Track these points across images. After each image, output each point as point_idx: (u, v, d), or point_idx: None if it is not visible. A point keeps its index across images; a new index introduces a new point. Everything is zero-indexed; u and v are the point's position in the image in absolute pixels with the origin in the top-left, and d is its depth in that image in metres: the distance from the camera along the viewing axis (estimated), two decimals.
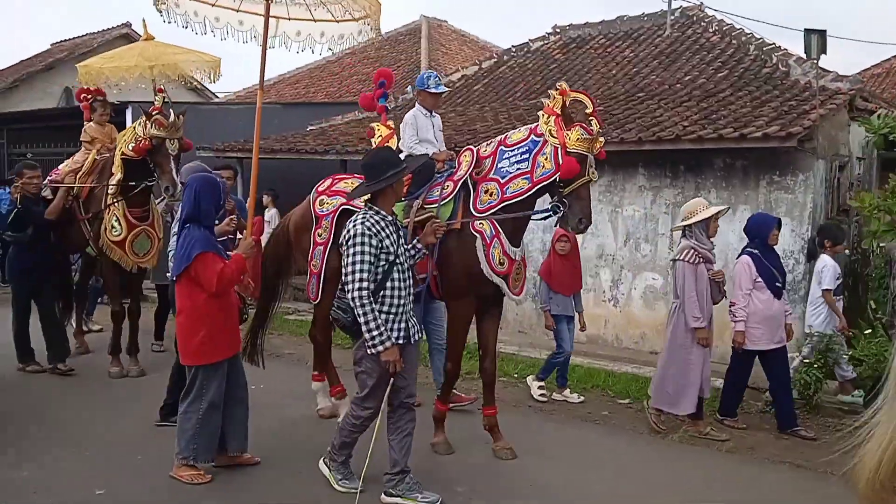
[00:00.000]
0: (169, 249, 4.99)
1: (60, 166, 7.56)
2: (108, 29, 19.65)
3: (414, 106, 5.72)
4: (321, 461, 4.47)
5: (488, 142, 5.15)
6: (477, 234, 4.81)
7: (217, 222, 4.86)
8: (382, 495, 4.22)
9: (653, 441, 5.59)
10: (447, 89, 7.61)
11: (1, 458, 4.82)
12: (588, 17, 13.85)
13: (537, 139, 4.74)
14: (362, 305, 3.91)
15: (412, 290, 4.18)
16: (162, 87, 6.86)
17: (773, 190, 7.64)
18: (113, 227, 6.79)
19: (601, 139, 4.75)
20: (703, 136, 7.56)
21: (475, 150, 4.99)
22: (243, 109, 14.80)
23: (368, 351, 3.99)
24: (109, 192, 6.82)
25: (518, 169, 4.76)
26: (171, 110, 6.60)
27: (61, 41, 21.14)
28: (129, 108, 12.79)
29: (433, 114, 5.63)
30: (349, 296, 3.95)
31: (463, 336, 5.08)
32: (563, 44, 13.27)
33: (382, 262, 3.99)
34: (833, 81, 8.30)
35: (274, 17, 5.13)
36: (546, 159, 4.65)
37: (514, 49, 13.83)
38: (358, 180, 5.23)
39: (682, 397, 5.55)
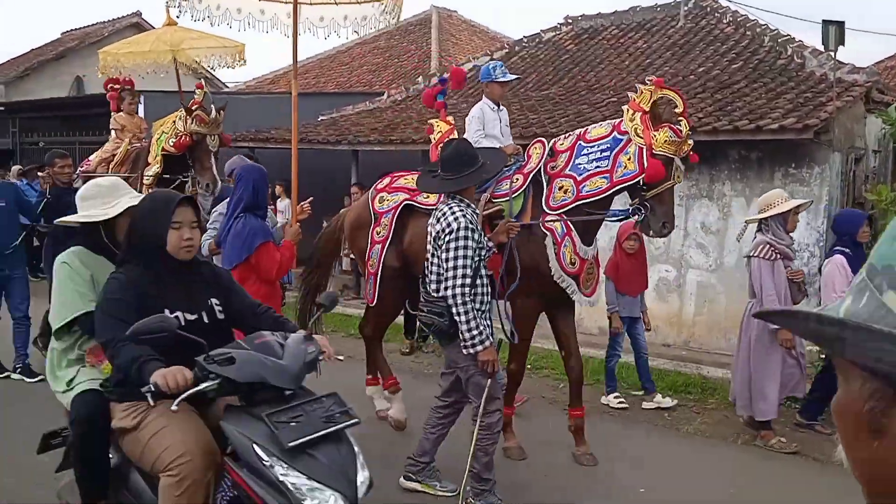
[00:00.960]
0: (205, 238, 4.93)
1: (91, 157, 7.48)
2: (119, 18, 19.68)
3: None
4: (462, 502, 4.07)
5: (566, 135, 4.90)
6: (547, 232, 4.59)
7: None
8: (402, 479, 4.25)
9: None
10: (517, 76, 7.27)
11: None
12: (600, 8, 13.81)
13: (620, 137, 4.48)
14: (464, 304, 3.74)
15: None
16: (202, 81, 6.78)
17: (789, 182, 7.60)
18: None
19: (690, 142, 4.52)
20: (719, 128, 7.52)
21: (547, 142, 4.77)
22: (253, 99, 14.82)
23: (465, 352, 3.82)
24: (145, 182, 6.68)
25: (597, 167, 4.51)
26: (211, 105, 6.49)
27: (72, 30, 21.18)
28: (141, 97, 12.81)
29: (500, 107, 5.35)
30: (448, 293, 3.76)
31: (528, 337, 4.85)
32: (575, 34, 13.20)
33: (476, 258, 3.83)
34: (849, 73, 8.24)
35: (297, 2, 5.05)
36: (629, 159, 4.40)
37: (525, 39, 13.77)
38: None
39: (762, 401, 5.16)
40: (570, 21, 13.55)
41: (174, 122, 6.56)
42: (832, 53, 7.62)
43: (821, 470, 4.85)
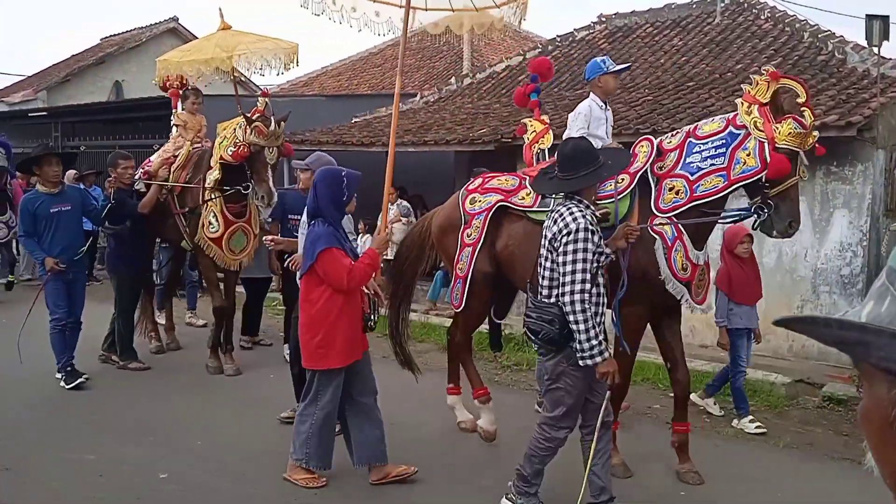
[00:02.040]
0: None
1: (152, 157, 7.30)
2: (157, 23, 20.02)
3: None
4: (504, 499, 3.97)
5: (673, 132, 4.63)
6: (657, 236, 4.28)
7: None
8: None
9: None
10: (627, 65, 6.94)
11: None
12: (635, 6, 13.65)
13: (737, 132, 4.16)
14: (583, 311, 3.51)
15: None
16: (267, 90, 6.69)
17: (831, 181, 7.45)
18: (210, 223, 6.56)
19: (815, 133, 4.20)
20: None
21: (654, 140, 4.47)
22: (288, 102, 14.95)
23: (581, 363, 3.59)
24: (207, 187, 6.56)
25: (711, 165, 4.21)
26: (272, 117, 6.28)
27: (110, 36, 21.60)
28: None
29: (608, 106, 5.06)
30: (566, 299, 3.55)
31: (634, 348, 4.49)
32: (609, 33, 13.10)
33: (595, 262, 3.60)
34: (893, 69, 8.05)
35: (413, 7, 4.84)
36: (748, 155, 4.09)
37: (558, 39, 13.71)
38: (512, 177, 4.96)
39: None
40: (603, 19, 13.45)
41: (235, 129, 6.37)
42: (876, 49, 7.46)
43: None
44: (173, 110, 7.42)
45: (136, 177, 6.93)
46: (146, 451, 4.90)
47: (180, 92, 7.35)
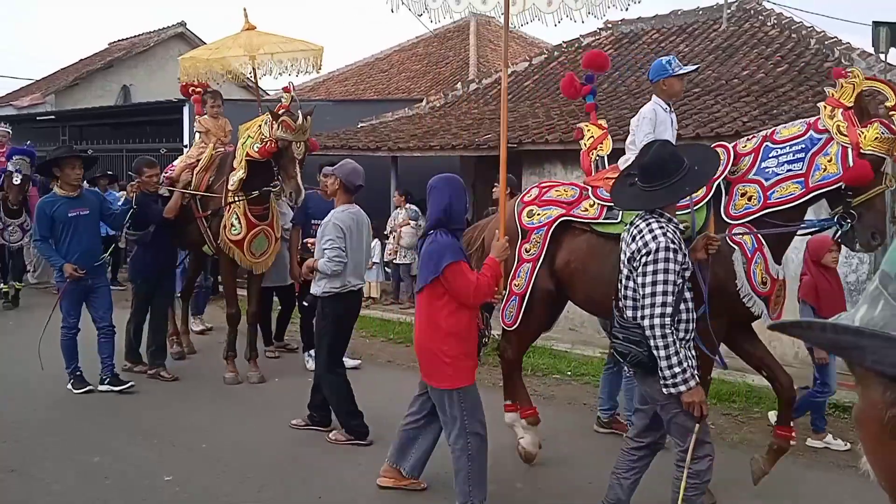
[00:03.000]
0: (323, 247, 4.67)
1: (175, 162, 7.22)
2: (164, 28, 20.11)
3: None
4: None
5: (748, 136, 4.41)
6: (735, 247, 4.02)
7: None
8: None
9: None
10: (696, 67, 6.70)
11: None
12: (641, 12, 13.67)
13: (818, 136, 3.91)
14: (663, 336, 3.28)
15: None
16: (290, 85, 6.38)
17: None
18: (233, 224, 6.41)
19: None
20: None
21: (730, 147, 4.22)
22: (293, 106, 15.00)
23: (665, 391, 3.35)
24: (230, 188, 6.42)
25: (789, 171, 3.95)
26: (298, 111, 6.12)
27: (118, 40, 21.71)
28: (185, 104, 13.08)
29: (671, 109, 4.80)
30: (645, 323, 3.31)
31: (710, 367, 4.26)
32: (615, 39, 13.12)
33: (679, 281, 3.36)
34: None
35: None
36: (829, 161, 3.84)
37: (564, 45, 13.73)
38: (571, 187, 4.73)
39: None
40: (609, 25, 13.47)
41: (260, 126, 6.23)
42: (882, 56, 7.45)
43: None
44: (196, 116, 7.30)
45: (161, 183, 6.78)
46: (151, 453, 4.91)
47: (201, 97, 7.20)
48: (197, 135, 7.27)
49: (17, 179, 8.96)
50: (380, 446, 4.84)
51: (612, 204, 4.27)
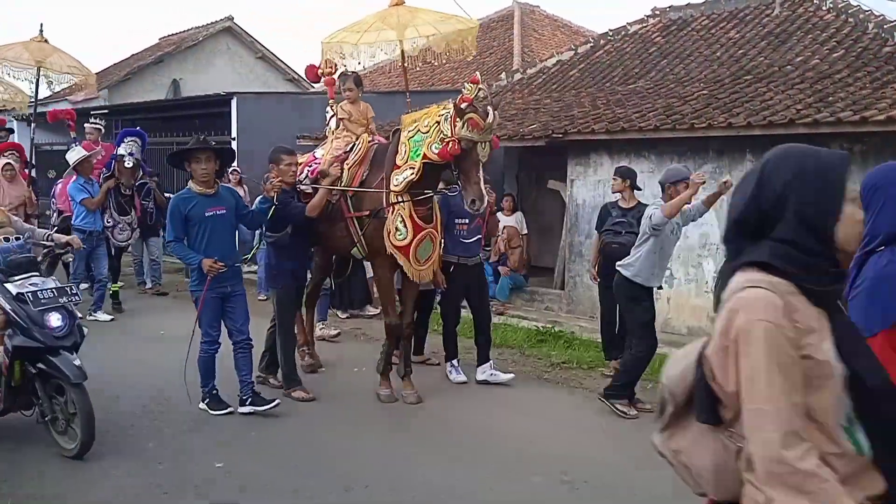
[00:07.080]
0: None
1: (317, 153, 6.34)
2: (212, 23, 20.42)
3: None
4: None
5: None
6: None
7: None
8: None
9: None
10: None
11: None
12: None
13: None
14: None
15: None
16: (478, 76, 5.67)
17: None
18: (398, 229, 5.61)
19: None
20: (820, 120, 7.17)
21: None
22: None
23: None
24: (394, 189, 5.64)
25: None
26: (489, 107, 5.38)
27: (168, 35, 22.13)
28: (233, 98, 13.29)
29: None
30: None
31: None
32: (663, 26, 12.87)
33: None
34: None
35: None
36: None
37: (611, 33, 13.52)
38: None
39: None
40: (657, 13, 13.23)
41: (438, 122, 5.48)
42: None
43: None
44: (330, 100, 6.57)
45: (304, 176, 6.04)
46: (203, 440, 5.02)
47: (335, 80, 6.52)
48: (333, 122, 6.43)
49: (129, 163, 8.64)
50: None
51: None
